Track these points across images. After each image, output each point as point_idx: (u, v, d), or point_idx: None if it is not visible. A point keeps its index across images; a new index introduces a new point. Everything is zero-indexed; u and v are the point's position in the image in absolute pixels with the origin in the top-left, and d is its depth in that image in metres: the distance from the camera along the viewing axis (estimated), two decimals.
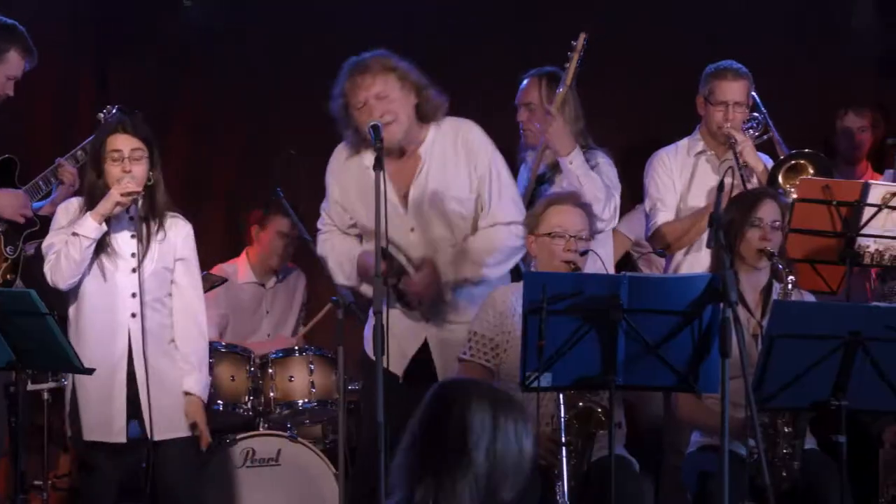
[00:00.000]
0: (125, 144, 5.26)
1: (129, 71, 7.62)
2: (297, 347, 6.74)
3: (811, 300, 5.23)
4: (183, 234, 5.42)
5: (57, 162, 6.11)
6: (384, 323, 4.72)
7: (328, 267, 5.60)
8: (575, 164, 5.73)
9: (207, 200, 7.61)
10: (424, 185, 5.37)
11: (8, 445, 5.91)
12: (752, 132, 6.14)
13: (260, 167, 7.52)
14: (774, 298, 5.12)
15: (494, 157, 5.42)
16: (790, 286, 5.09)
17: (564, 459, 4.79)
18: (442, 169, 5.37)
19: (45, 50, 6.27)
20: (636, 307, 4.44)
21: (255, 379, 6.43)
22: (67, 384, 5.44)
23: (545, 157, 5.96)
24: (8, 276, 6.05)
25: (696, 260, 5.96)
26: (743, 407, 4.64)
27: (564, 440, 4.80)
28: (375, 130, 4.99)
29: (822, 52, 7.42)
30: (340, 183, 5.50)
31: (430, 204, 5.36)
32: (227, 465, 6.23)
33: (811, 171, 5.88)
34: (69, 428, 5.38)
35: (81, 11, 7.65)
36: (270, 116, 7.65)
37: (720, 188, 4.59)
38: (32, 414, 6.10)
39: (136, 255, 5.29)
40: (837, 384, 4.49)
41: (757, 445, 4.54)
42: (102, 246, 5.27)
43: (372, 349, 4.97)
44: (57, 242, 5.28)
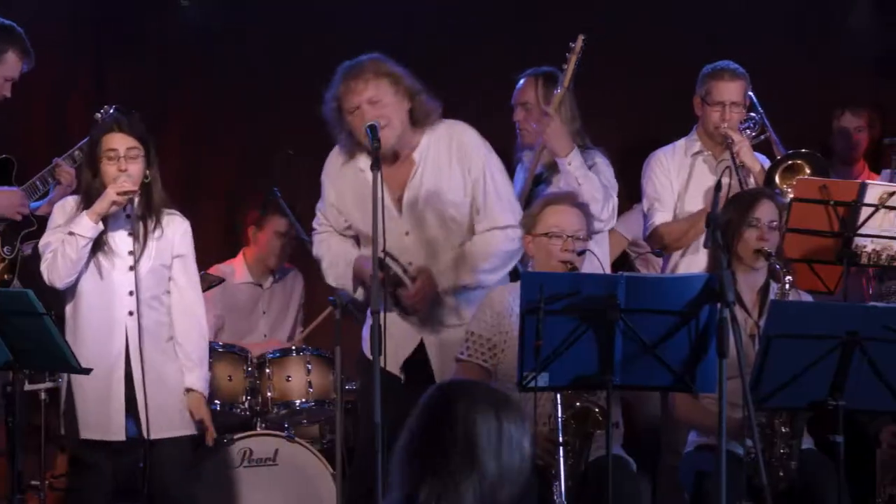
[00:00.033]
0: (121, 143, 5.26)
1: (126, 71, 7.61)
2: (294, 347, 6.74)
3: (808, 300, 5.23)
4: (180, 231, 5.42)
5: (54, 162, 6.10)
6: (381, 323, 4.72)
7: (322, 267, 5.60)
8: (574, 165, 5.73)
9: (205, 200, 7.60)
10: (419, 188, 5.35)
11: (5, 445, 5.91)
12: (748, 132, 6.14)
13: (258, 167, 7.53)
14: (772, 298, 5.12)
15: (489, 159, 5.39)
16: (787, 286, 5.09)
17: (562, 459, 4.78)
18: (436, 172, 5.35)
19: (42, 50, 6.27)
20: (633, 307, 4.44)
21: (252, 379, 6.43)
22: (62, 382, 5.44)
23: (542, 157, 5.96)
24: (5, 276, 6.06)
25: (693, 261, 5.95)
26: (740, 407, 4.63)
27: (562, 440, 4.79)
28: (373, 131, 4.99)
29: (819, 52, 7.42)
30: (336, 186, 5.50)
31: (424, 207, 5.34)
32: (224, 465, 6.23)
33: (808, 171, 5.89)
34: (63, 426, 5.38)
35: (78, 12, 7.64)
36: (268, 116, 7.64)
37: (717, 188, 4.60)
38: (29, 414, 6.09)
39: (133, 253, 5.29)
40: (835, 384, 4.49)
41: (754, 445, 4.54)
42: (99, 244, 5.27)
43: (370, 349, 4.96)
44: (54, 241, 5.28)
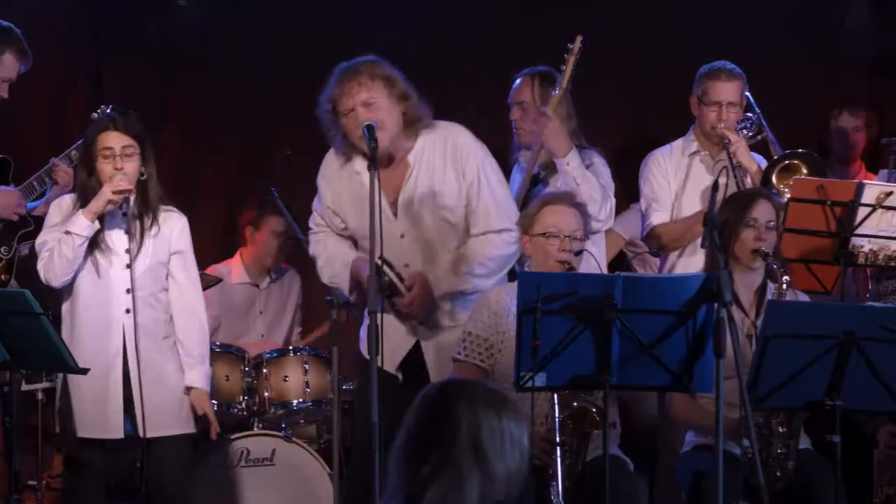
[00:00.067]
0: (116, 142, 5.26)
1: (124, 71, 7.61)
2: (291, 347, 6.74)
3: (806, 300, 5.23)
4: (178, 227, 5.42)
5: (51, 162, 6.10)
6: (378, 323, 4.71)
7: (317, 266, 5.60)
8: (572, 165, 5.72)
9: (204, 201, 7.60)
10: (413, 191, 5.34)
11: (2, 446, 5.90)
12: (745, 132, 6.14)
13: (257, 168, 7.53)
14: (769, 298, 5.12)
15: (484, 162, 5.37)
16: (784, 286, 5.08)
17: (559, 459, 4.78)
18: (430, 175, 5.34)
19: (40, 50, 6.27)
20: (630, 307, 4.44)
21: (249, 379, 6.43)
22: (58, 381, 5.43)
23: (539, 157, 5.95)
24: (2, 276, 6.06)
25: (690, 262, 5.95)
26: (737, 407, 4.64)
27: (559, 440, 4.79)
28: (370, 130, 4.99)
29: (816, 52, 7.43)
30: (333, 188, 5.49)
31: (418, 210, 5.33)
32: (221, 464, 6.24)
33: (805, 171, 5.89)
34: (58, 425, 5.37)
35: (76, 12, 7.64)
36: (268, 116, 7.63)
37: (714, 188, 4.60)
38: (27, 414, 6.09)
39: (129, 251, 5.29)
40: (832, 384, 4.49)
41: (751, 445, 4.54)
42: (96, 243, 5.28)
43: (367, 349, 4.96)
44: (50, 240, 5.28)
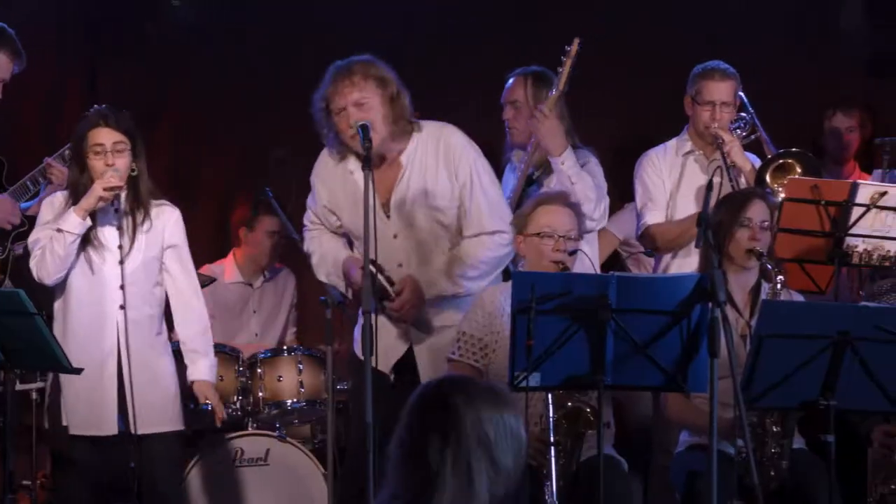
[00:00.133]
0: (107, 138, 5.25)
1: (117, 71, 7.61)
2: (285, 347, 6.74)
3: (800, 300, 5.23)
4: (171, 220, 5.41)
5: (45, 161, 6.09)
6: (373, 323, 4.71)
7: (312, 262, 5.60)
8: (567, 164, 5.72)
9: (198, 200, 7.59)
10: (406, 191, 5.33)
11: None
12: (739, 132, 6.15)
13: (253, 167, 7.52)
14: (763, 298, 5.12)
15: (476, 163, 5.36)
16: (779, 286, 5.09)
17: (553, 459, 4.78)
18: (423, 176, 5.33)
19: (34, 51, 6.25)
20: (625, 307, 4.44)
21: (243, 379, 6.43)
22: (48, 378, 5.42)
23: (534, 157, 5.95)
24: None
25: (685, 263, 5.95)
26: (731, 406, 4.65)
27: (553, 440, 4.79)
28: (364, 130, 4.98)
29: (811, 52, 7.43)
30: (328, 187, 5.48)
31: (411, 210, 5.33)
32: (215, 464, 6.23)
33: (799, 170, 5.89)
34: (48, 421, 5.36)
35: (71, 12, 7.63)
36: (265, 116, 7.63)
37: (709, 188, 4.60)
38: (21, 414, 6.08)
39: (122, 247, 5.28)
40: (826, 384, 4.49)
41: (745, 445, 4.54)
42: (88, 239, 5.27)
43: (361, 349, 4.96)
44: (42, 238, 5.27)
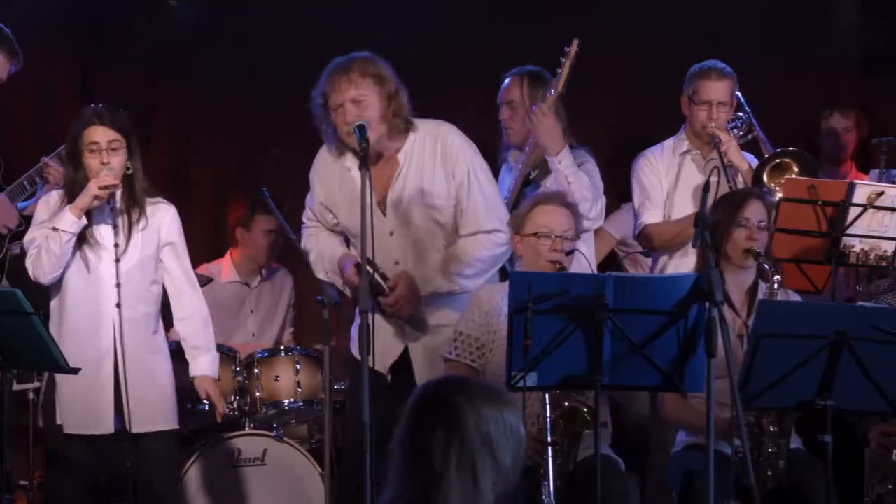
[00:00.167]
0: (102, 136, 5.25)
1: (113, 71, 7.60)
2: (282, 347, 6.74)
3: (797, 300, 5.23)
4: (168, 218, 5.40)
5: (42, 161, 6.09)
6: (370, 322, 4.71)
7: (310, 260, 5.60)
8: (564, 163, 5.72)
9: (195, 200, 7.58)
10: (402, 189, 5.34)
11: None
12: (736, 132, 6.15)
13: (251, 167, 7.51)
14: (760, 298, 5.12)
15: (473, 162, 5.36)
16: (776, 286, 5.09)
17: (550, 459, 4.78)
18: (419, 174, 5.33)
19: (30, 51, 6.25)
20: (622, 307, 4.44)
21: (240, 378, 6.43)
22: (44, 377, 5.41)
23: (531, 158, 5.95)
24: None
25: (682, 263, 5.95)
26: (728, 406, 4.64)
27: (550, 440, 4.79)
28: (361, 130, 4.98)
29: (808, 52, 7.42)
30: (325, 184, 5.49)
31: (407, 208, 5.33)
32: (212, 464, 6.23)
33: (796, 169, 5.89)
34: (42, 419, 5.36)
35: (65, 12, 7.62)
36: (261, 116, 7.62)
37: (706, 187, 4.60)
38: (18, 414, 6.08)
39: (118, 245, 5.28)
40: (823, 384, 4.49)
41: (742, 445, 4.54)
42: (84, 238, 5.26)
43: (358, 349, 4.95)
44: (38, 237, 5.27)
